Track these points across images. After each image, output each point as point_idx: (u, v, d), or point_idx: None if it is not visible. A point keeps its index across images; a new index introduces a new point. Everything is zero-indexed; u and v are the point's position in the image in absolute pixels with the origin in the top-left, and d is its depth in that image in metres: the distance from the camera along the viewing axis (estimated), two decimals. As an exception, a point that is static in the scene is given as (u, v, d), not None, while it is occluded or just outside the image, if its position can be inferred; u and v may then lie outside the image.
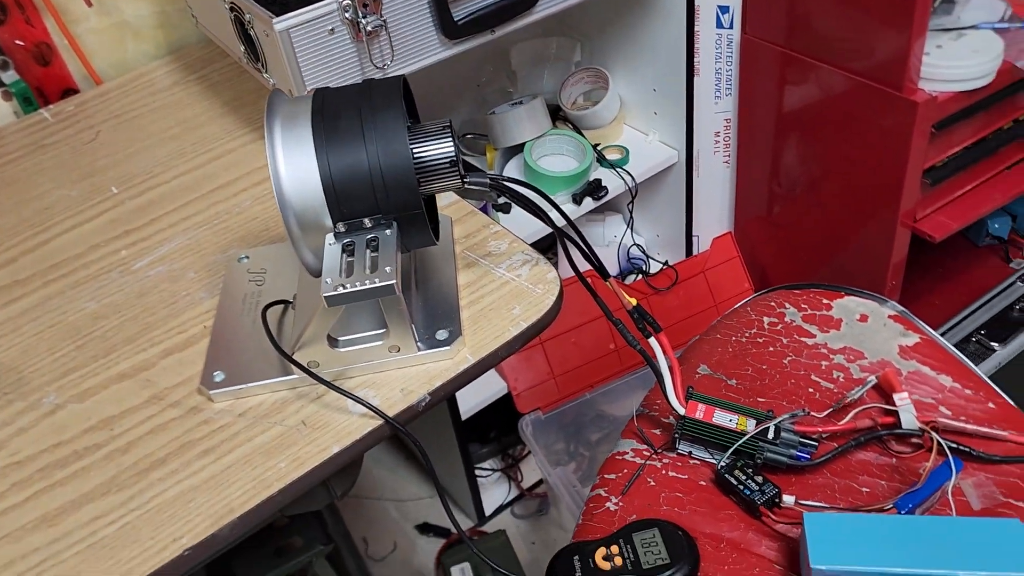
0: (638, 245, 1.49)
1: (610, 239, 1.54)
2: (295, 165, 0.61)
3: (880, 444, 0.75)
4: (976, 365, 1.41)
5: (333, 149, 0.61)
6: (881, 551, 0.63)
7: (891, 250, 1.23)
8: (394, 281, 0.60)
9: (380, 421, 0.63)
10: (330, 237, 0.62)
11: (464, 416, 1.35)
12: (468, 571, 1.23)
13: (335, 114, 0.62)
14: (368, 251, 0.61)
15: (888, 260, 1.25)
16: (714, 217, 1.53)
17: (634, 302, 0.77)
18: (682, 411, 0.77)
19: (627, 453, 0.79)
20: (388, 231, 0.62)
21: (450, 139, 0.64)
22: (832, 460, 0.74)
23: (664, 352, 0.77)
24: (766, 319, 0.86)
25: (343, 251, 0.62)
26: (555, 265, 0.79)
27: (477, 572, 1.22)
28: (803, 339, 0.84)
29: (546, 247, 1.48)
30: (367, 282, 0.60)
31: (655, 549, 0.67)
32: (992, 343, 1.33)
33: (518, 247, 0.77)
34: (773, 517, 0.70)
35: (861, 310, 0.85)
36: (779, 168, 1.35)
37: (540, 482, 1.55)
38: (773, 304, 0.88)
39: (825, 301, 0.86)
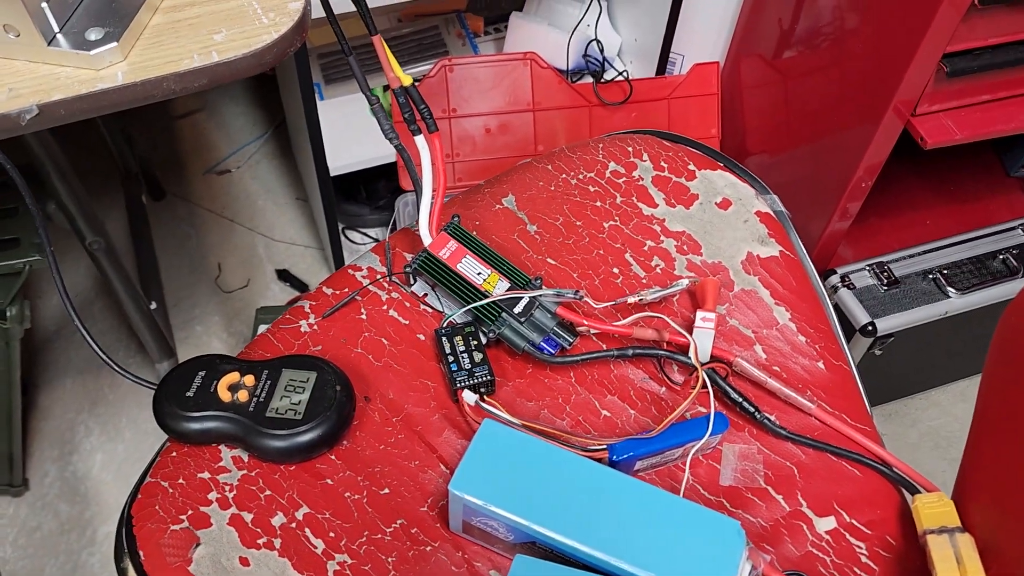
0: (598, 40, 1.23)
1: (581, 25, 1.27)
2: None
3: (656, 365, 0.57)
4: (918, 307, 1.19)
5: None
6: (543, 500, 0.47)
7: (868, 143, 0.99)
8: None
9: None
10: None
11: (335, 172, 1.17)
12: (274, 335, 1.10)
13: None
14: None
15: (860, 157, 1.00)
16: (708, 40, 1.26)
17: (409, 80, 0.56)
18: (428, 241, 0.59)
19: (361, 270, 0.62)
20: None
21: None
22: (583, 364, 0.57)
23: (433, 159, 0.58)
24: (612, 165, 0.66)
25: None
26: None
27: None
28: (641, 204, 0.64)
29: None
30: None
31: (295, 398, 0.52)
32: (949, 288, 1.11)
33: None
34: (467, 407, 0.54)
35: (728, 193, 0.64)
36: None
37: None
38: (631, 149, 0.66)
39: (692, 167, 0.65)
